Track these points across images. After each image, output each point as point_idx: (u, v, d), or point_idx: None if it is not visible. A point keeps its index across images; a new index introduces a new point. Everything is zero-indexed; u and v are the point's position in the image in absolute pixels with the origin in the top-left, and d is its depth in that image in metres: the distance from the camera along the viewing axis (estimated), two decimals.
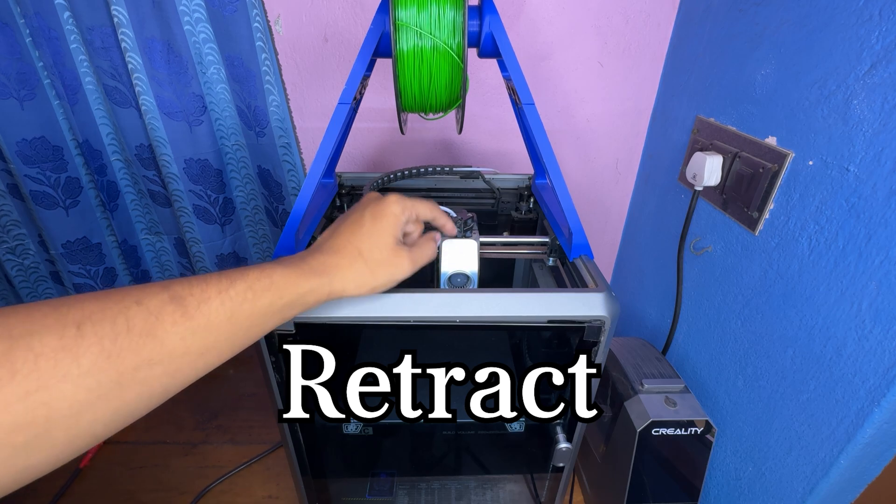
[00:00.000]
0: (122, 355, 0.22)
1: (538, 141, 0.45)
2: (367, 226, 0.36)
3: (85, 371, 0.21)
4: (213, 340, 0.26)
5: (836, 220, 0.45)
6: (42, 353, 0.20)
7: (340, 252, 0.34)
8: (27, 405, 0.19)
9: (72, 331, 0.21)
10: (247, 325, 0.28)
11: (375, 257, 0.35)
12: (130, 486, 0.68)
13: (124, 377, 0.22)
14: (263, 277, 0.29)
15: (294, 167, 0.83)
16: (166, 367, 0.24)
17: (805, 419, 0.48)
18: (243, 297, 0.27)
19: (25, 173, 0.75)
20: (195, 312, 0.25)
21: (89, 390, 0.21)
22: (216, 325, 0.26)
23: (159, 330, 0.23)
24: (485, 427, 0.53)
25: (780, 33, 0.51)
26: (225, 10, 0.69)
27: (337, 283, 0.33)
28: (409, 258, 0.37)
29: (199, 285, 0.26)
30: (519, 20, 0.74)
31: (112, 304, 0.23)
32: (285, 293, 0.30)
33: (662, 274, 0.77)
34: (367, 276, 0.35)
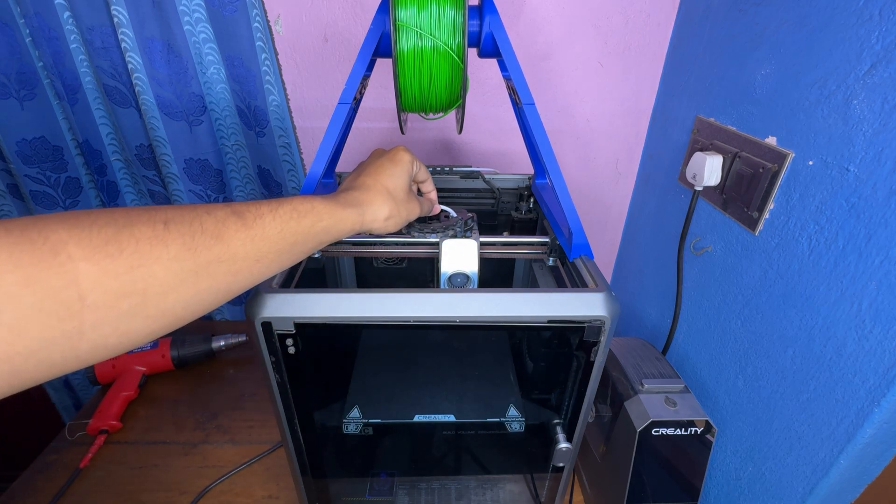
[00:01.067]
0: (198, 250, 0.27)
1: (538, 141, 0.45)
2: (389, 169, 0.41)
3: (172, 257, 0.25)
4: (266, 249, 0.30)
5: (836, 220, 0.45)
6: (141, 238, 0.24)
7: (371, 189, 0.39)
8: (131, 277, 0.23)
9: (160, 226, 0.25)
10: (292, 240, 0.32)
11: (400, 196, 0.41)
12: (130, 486, 0.68)
13: (200, 267, 0.27)
14: (305, 203, 0.34)
15: (294, 167, 0.83)
16: (229, 266, 0.28)
17: (805, 419, 0.48)
18: (289, 216, 0.32)
19: (25, 173, 0.76)
20: (252, 223, 0.30)
21: (175, 274, 0.25)
22: (268, 236, 0.30)
23: (225, 234, 0.28)
24: (485, 427, 0.53)
25: (780, 33, 0.51)
26: (225, 10, 0.69)
27: (368, 215, 0.38)
28: (418, 203, 0.43)
29: (255, 204, 0.31)
30: (519, 20, 0.74)
31: (188, 211, 0.28)
32: (324, 216, 0.34)
33: (662, 274, 0.77)
34: (394, 210, 0.40)
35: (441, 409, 0.52)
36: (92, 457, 0.71)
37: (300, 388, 0.43)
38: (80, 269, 0.22)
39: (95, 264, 0.22)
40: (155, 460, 0.72)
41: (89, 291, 0.22)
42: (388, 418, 0.52)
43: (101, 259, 0.23)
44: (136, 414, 0.80)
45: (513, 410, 0.53)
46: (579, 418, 0.48)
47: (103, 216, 0.24)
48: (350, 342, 0.52)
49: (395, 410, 0.53)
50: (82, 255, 0.22)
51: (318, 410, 0.48)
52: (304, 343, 0.41)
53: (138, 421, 0.78)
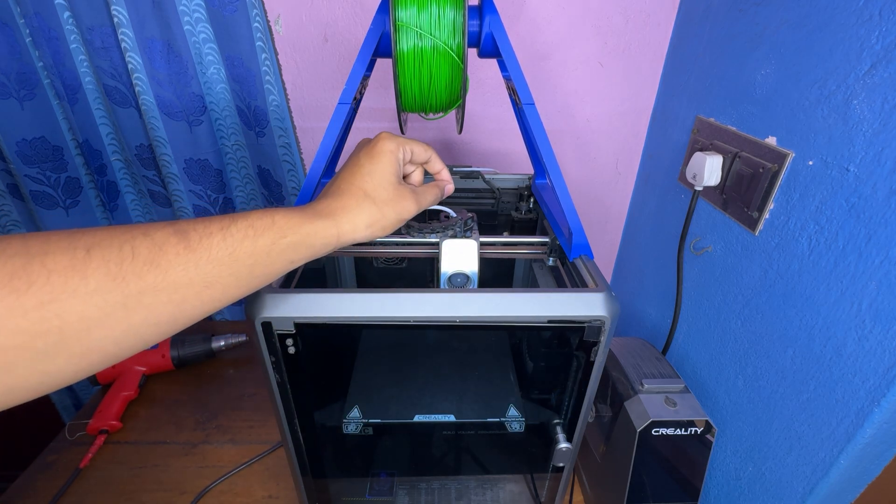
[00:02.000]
0: (127, 279, 0.24)
1: (538, 141, 0.45)
2: (367, 166, 0.36)
3: (92, 289, 0.23)
4: (217, 274, 0.27)
5: (836, 220, 0.45)
6: (54, 269, 0.22)
7: (345, 194, 0.34)
8: (42, 314, 0.21)
9: (81, 253, 0.23)
10: (249, 262, 0.29)
11: (382, 196, 0.35)
12: (130, 486, 0.68)
13: (129, 300, 0.24)
14: (265, 217, 0.30)
15: (294, 167, 0.83)
16: (170, 295, 0.25)
17: (805, 419, 0.48)
18: (244, 234, 0.28)
19: (25, 173, 0.76)
20: (196, 245, 0.26)
21: (97, 307, 0.23)
22: (218, 258, 0.27)
23: (162, 259, 0.25)
24: (485, 427, 0.53)
25: (780, 33, 0.51)
26: (225, 10, 0.69)
27: (346, 225, 0.33)
28: (413, 198, 0.37)
29: (203, 222, 0.28)
30: (519, 20, 0.74)
31: (119, 233, 0.25)
32: (287, 232, 0.30)
33: (662, 274, 0.77)
34: (376, 215, 0.35)
35: (441, 409, 0.52)
36: (92, 457, 0.71)
37: (300, 388, 0.43)
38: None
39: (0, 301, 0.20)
40: (155, 460, 0.72)
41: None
42: (388, 418, 0.52)
43: (5, 296, 0.20)
44: (136, 414, 0.80)
45: (513, 410, 0.53)
46: (579, 418, 0.48)
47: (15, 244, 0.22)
48: (350, 342, 0.52)
49: (395, 410, 0.53)
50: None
51: (318, 410, 0.48)
52: (304, 343, 0.41)
53: (138, 421, 0.78)
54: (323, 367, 0.49)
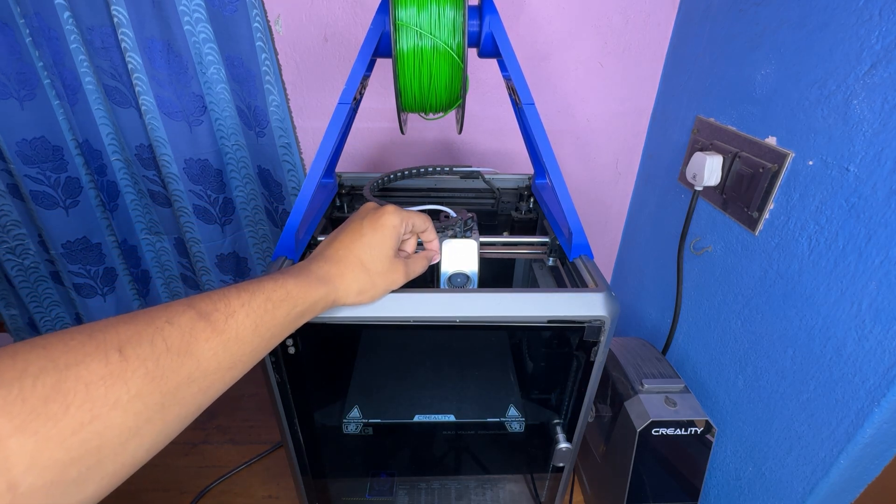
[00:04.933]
0: (166, 376, 0.22)
1: (538, 141, 0.45)
2: (368, 236, 0.36)
3: (134, 395, 0.20)
4: (240, 353, 0.26)
5: (836, 220, 0.45)
6: (91, 381, 0.19)
7: (343, 262, 0.35)
8: (81, 438, 0.18)
9: (115, 356, 0.20)
10: (268, 335, 0.28)
11: (377, 268, 0.36)
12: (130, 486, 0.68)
13: (167, 398, 0.22)
14: (279, 288, 0.29)
15: (294, 167, 0.83)
16: (201, 383, 0.24)
17: (805, 419, 0.48)
18: (264, 309, 0.28)
19: (25, 173, 0.75)
20: (224, 327, 0.25)
21: (137, 415, 0.21)
22: (243, 337, 0.26)
23: (195, 347, 0.24)
24: (485, 427, 0.53)
25: (780, 33, 0.51)
26: (225, 10, 0.69)
27: (341, 291, 0.34)
28: (404, 271, 0.39)
29: (223, 300, 0.26)
30: (519, 20, 0.74)
31: (144, 325, 0.22)
32: (299, 302, 0.30)
33: (662, 274, 0.77)
34: (367, 285, 0.36)
35: (441, 409, 0.52)
36: None
37: (300, 388, 0.43)
38: (9, 448, 0.16)
39: (32, 436, 0.17)
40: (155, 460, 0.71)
41: (23, 476, 0.17)
42: (388, 418, 0.52)
43: (39, 427, 0.17)
44: None
45: (513, 410, 0.53)
46: (579, 418, 0.48)
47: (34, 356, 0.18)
48: (350, 342, 0.52)
49: (395, 410, 0.53)
50: (11, 426, 0.16)
51: (318, 410, 0.48)
52: (304, 343, 0.41)
53: None
54: (323, 367, 0.49)
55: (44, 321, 0.93)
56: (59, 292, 0.92)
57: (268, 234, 0.92)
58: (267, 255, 0.95)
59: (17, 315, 0.94)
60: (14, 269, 0.86)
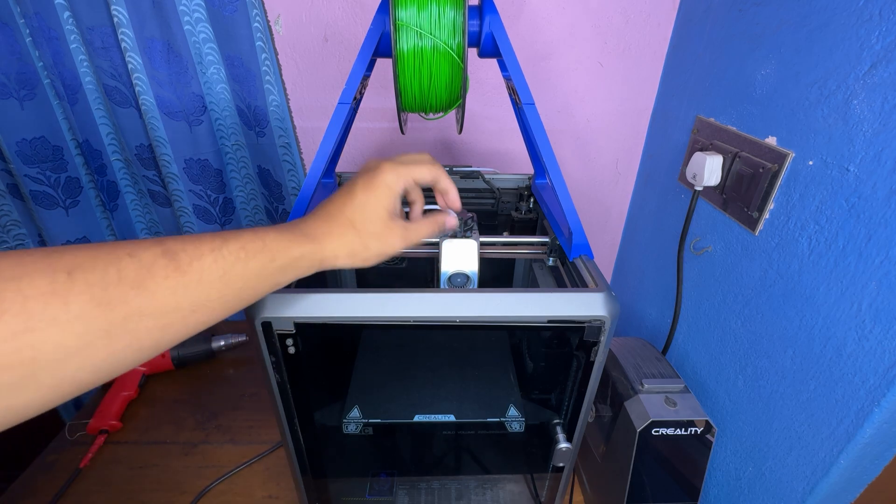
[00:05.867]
0: (112, 304, 0.22)
1: (538, 141, 0.45)
2: (360, 196, 0.35)
3: (74, 316, 0.21)
4: (205, 297, 0.26)
5: (836, 220, 0.45)
6: (31, 295, 0.20)
7: (332, 220, 0.34)
8: (15, 345, 0.19)
9: (62, 276, 0.21)
10: (239, 285, 0.28)
11: (368, 229, 0.34)
12: (130, 486, 0.68)
13: (114, 326, 0.22)
14: (256, 239, 0.29)
15: (294, 167, 0.83)
16: (157, 320, 0.24)
17: (805, 419, 0.48)
18: (236, 257, 0.27)
19: (25, 173, 0.75)
20: (187, 268, 0.25)
21: (78, 336, 0.21)
22: (208, 281, 0.26)
23: (150, 282, 0.23)
24: (485, 427, 0.53)
25: (780, 33, 0.51)
26: (225, 10, 0.69)
27: (328, 251, 0.33)
28: (401, 234, 0.36)
29: (193, 242, 0.26)
30: (519, 20, 0.74)
31: (104, 254, 0.23)
32: (277, 256, 0.30)
33: (662, 274, 0.77)
34: (357, 247, 0.34)
35: (441, 409, 0.52)
36: (92, 457, 0.71)
37: (300, 388, 0.43)
38: None
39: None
40: (155, 460, 0.72)
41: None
42: (388, 418, 0.52)
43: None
44: (136, 414, 0.80)
45: (513, 410, 0.53)
46: (579, 418, 0.48)
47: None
48: (350, 342, 0.52)
49: (395, 410, 0.53)
50: None
51: (318, 410, 0.48)
52: (304, 343, 0.41)
53: (138, 421, 0.78)
54: (323, 367, 0.49)
55: None
56: None
57: None
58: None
59: None
60: None
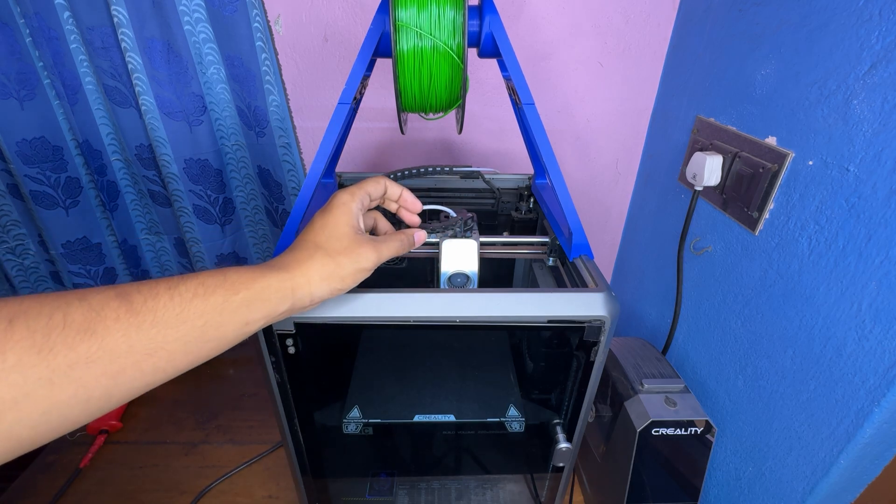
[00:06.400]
0: (55, 350, 0.21)
1: (538, 141, 0.45)
2: (318, 221, 0.35)
3: (10, 366, 0.20)
4: (161, 339, 0.25)
5: (836, 220, 0.45)
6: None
7: (297, 249, 0.34)
8: None
9: (2, 325, 0.20)
10: (200, 322, 0.26)
11: (335, 247, 0.34)
12: (130, 486, 0.68)
13: (56, 374, 0.21)
14: (217, 275, 0.28)
15: (294, 167, 0.83)
16: (106, 366, 0.23)
17: (805, 419, 0.48)
18: (193, 293, 0.26)
19: (25, 173, 0.75)
20: (141, 307, 0.24)
21: (14, 386, 0.20)
22: (164, 321, 0.24)
23: (99, 326, 0.22)
24: (485, 427, 0.53)
25: (780, 33, 0.51)
26: (225, 10, 0.69)
27: (299, 278, 0.32)
28: (372, 247, 0.36)
29: (150, 284, 0.25)
30: (519, 20, 0.74)
31: (51, 300, 0.22)
32: (240, 288, 0.28)
33: (662, 274, 0.77)
34: (330, 267, 0.33)
35: (441, 409, 0.52)
36: (92, 457, 0.71)
37: (300, 388, 0.43)
38: None
39: None
40: (155, 460, 0.72)
41: None
42: (388, 418, 0.52)
43: None
44: (136, 414, 0.80)
45: (513, 410, 0.53)
46: (579, 418, 0.48)
47: None
48: (350, 342, 0.52)
49: (395, 410, 0.53)
50: None
51: (318, 410, 0.48)
52: (304, 343, 0.41)
53: (138, 421, 0.78)
54: (323, 367, 0.49)
55: None
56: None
57: (268, 234, 0.92)
58: (267, 255, 0.95)
59: None
60: (14, 269, 0.86)
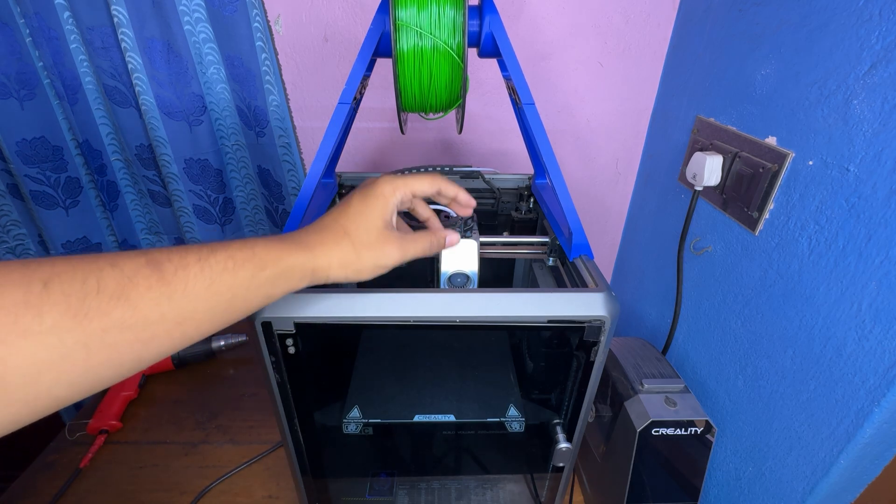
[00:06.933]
0: (90, 315, 0.21)
1: (538, 141, 0.45)
2: (355, 206, 0.34)
3: (48, 328, 0.20)
4: (192, 309, 0.25)
5: (836, 220, 0.45)
6: (2, 305, 0.19)
7: (326, 230, 0.33)
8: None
9: (37, 287, 0.20)
10: (228, 296, 0.27)
11: (362, 239, 0.33)
12: (130, 486, 0.68)
13: (91, 339, 0.21)
14: (246, 248, 0.28)
15: (294, 167, 0.83)
16: (139, 333, 0.23)
17: (805, 419, 0.48)
18: (223, 266, 0.26)
19: (25, 173, 0.75)
20: (172, 278, 0.24)
21: (51, 348, 0.20)
22: (194, 292, 0.25)
23: (133, 293, 0.22)
24: (485, 427, 0.53)
25: (780, 33, 0.51)
26: (225, 10, 0.69)
27: (321, 260, 0.32)
28: (398, 246, 0.35)
29: (179, 252, 0.25)
30: (519, 20, 0.74)
31: (84, 264, 0.22)
32: (268, 265, 0.28)
33: (662, 274, 0.77)
34: (351, 256, 0.33)
35: (441, 409, 0.52)
36: (92, 457, 0.71)
37: (300, 388, 0.43)
38: None
39: None
40: (155, 460, 0.72)
41: None
42: (388, 418, 0.52)
43: None
44: (136, 414, 0.80)
45: (513, 410, 0.53)
46: (579, 418, 0.48)
47: None
48: (350, 342, 0.52)
49: (395, 410, 0.53)
50: None
51: (318, 410, 0.48)
52: (304, 343, 0.41)
53: (138, 421, 0.78)
54: (323, 367, 0.49)
55: None
56: None
57: (268, 233, 0.92)
58: None
59: None
60: None
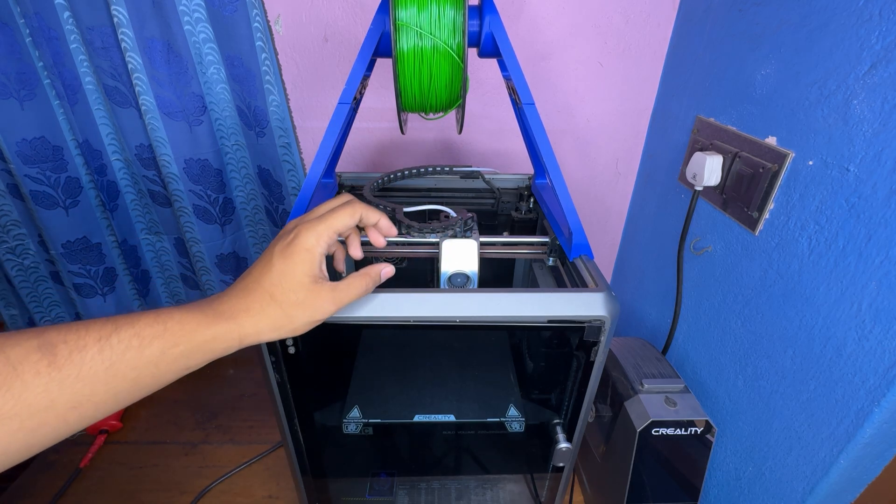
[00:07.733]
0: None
1: (538, 141, 0.45)
2: (278, 266, 0.32)
3: None
4: (88, 392, 0.24)
5: (836, 220, 0.45)
6: None
7: (251, 294, 0.32)
8: None
9: None
10: (132, 375, 0.26)
11: (290, 300, 0.32)
12: (130, 486, 0.68)
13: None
14: (156, 324, 0.27)
15: (294, 167, 0.83)
16: (24, 421, 0.22)
17: (805, 419, 0.48)
18: (127, 345, 0.25)
19: (25, 173, 0.75)
20: (64, 362, 0.23)
21: None
22: (90, 375, 0.24)
23: (16, 382, 0.22)
24: (485, 427, 0.53)
25: (780, 33, 0.51)
26: (225, 10, 0.69)
27: (249, 328, 0.31)
28: (330, 298, 0.33)
29: (77, 331, 0.24)
30: (519, 20, 0.74)
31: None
32: (181, 340, 0.27)
33: (662, 274, 0.77)
34: (282, 320, 0.32)
35: (441, 409, 0.52)
36: (92, 457, 0.71)
37: (300, 388, 0.43)
38: None
39: None
40: (155, 460, 0.72)
41: None
42: (388, 418, 0.52)
43: None
44: (136, 414, 0.80)
45: (513, 410, 0.53)
46: (579, 418, 0.48)
47: None
48: (350, 342, 0.52)
49: (395, 410, 0.53)
50: None
51: (318, 410, 0.48)
52: (304, 343, 0.41)
53: (138, 421, 0.78)
54: (323, 367, 0.49)
55: (44, 321, 0.93)
56: (59, 292, 0.92)
57: (268, 234, 0.92)
58: None
59: (17, 315, 0.94)
60: (14, 269, 0.86)
